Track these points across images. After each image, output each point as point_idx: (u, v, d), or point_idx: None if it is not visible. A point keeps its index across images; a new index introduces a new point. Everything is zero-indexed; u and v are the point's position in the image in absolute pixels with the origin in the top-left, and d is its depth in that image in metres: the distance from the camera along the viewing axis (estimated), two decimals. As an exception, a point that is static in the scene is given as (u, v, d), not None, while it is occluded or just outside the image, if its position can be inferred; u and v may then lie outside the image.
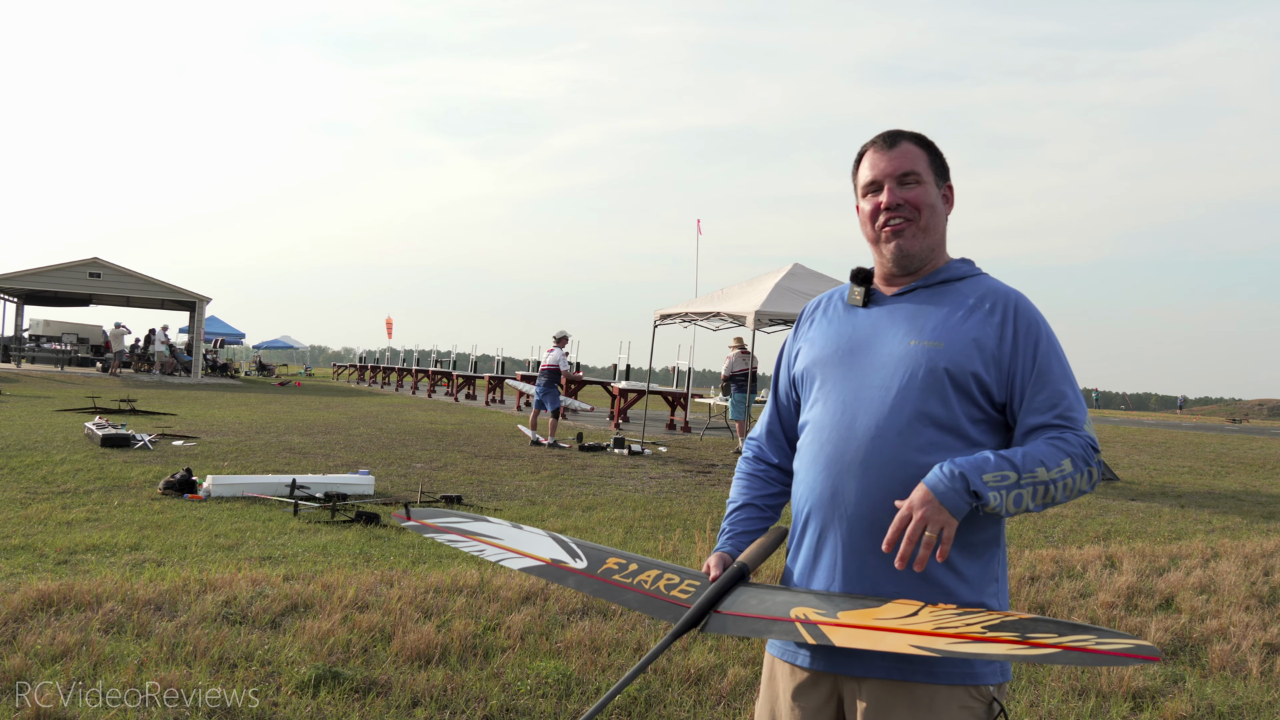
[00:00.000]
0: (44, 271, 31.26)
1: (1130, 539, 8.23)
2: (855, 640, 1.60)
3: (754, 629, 1.74)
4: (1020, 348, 1.81)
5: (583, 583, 1.99)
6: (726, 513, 2.05)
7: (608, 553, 2.09)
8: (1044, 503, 1.71)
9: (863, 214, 1.94)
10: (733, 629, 1.76)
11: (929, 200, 1.88)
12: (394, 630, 4.28)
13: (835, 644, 1.61)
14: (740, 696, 3.85)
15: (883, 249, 1.90)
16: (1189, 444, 23.05)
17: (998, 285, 1.89)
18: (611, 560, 2.05)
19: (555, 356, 15.26)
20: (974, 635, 1.53)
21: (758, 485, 2.05)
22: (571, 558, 2.07)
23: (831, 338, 1.94)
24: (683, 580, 1.93)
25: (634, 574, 1.99)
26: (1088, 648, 1.44)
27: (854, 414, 1.82)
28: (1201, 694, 4.15)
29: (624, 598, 1.92)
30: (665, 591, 1.91)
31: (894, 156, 1.88)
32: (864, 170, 1.93)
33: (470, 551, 2.20)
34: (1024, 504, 1.69)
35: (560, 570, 2.05)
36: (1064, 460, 1.71)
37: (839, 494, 1.80)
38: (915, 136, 1.93)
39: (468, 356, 35.87)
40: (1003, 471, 1.67)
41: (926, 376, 1.78)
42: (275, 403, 22.92)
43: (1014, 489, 1.67)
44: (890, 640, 1.57)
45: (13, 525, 6.62)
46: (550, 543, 2.14)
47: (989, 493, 1.66)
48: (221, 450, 11.64)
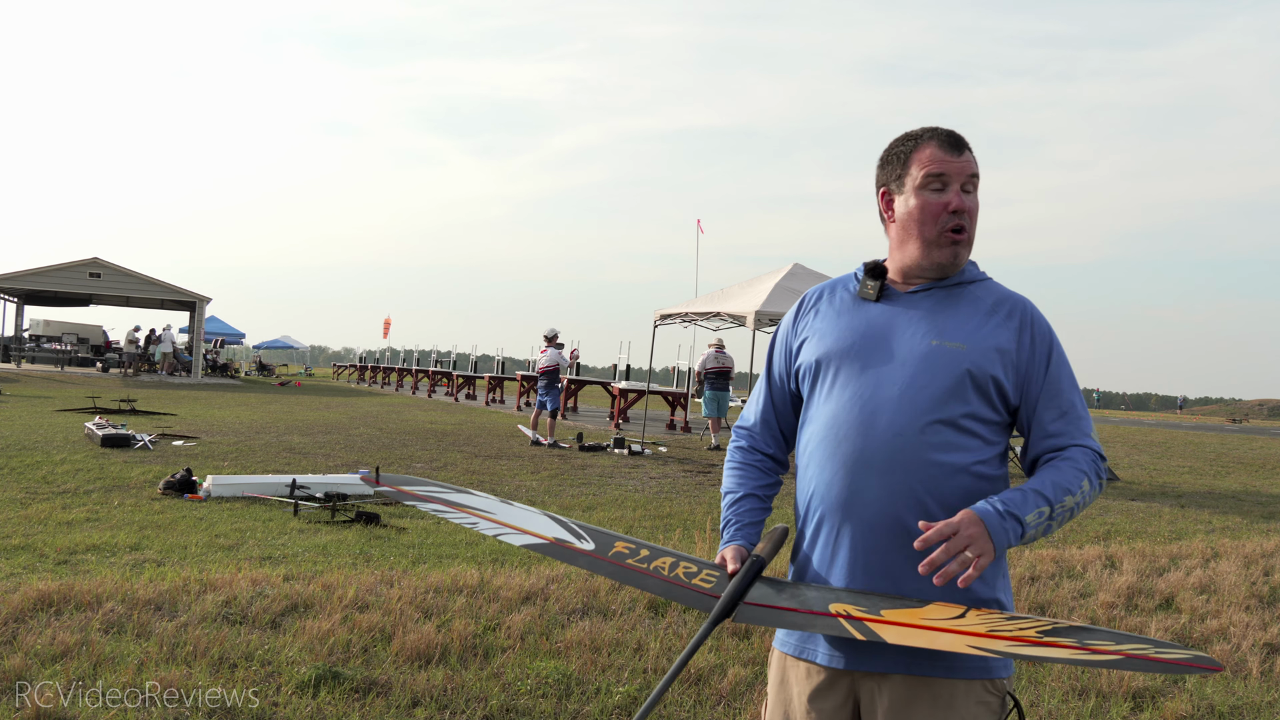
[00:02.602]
0: (44, 271, 31.26)
1: (1130, 539, 8.23)
2: (910, 638, 1.59)
3: (792, 622, 1.72)
4: (1036, 355, 1.84)
5: (595, 565, 1.93)
6: (727, 503, 2.00)
7: (613, 536, 2.04)
8: (1066, 522, 1.78)
9: (924, 207, 1.85)
10: (766, 620, 1.74)
11: (977, 213, 1.88)
12: (394, 630, 4.28)
13: (888, 641, 1.60)
14: (740, 696, 3.85)
15: (933, 251, 1.85)
16: (1189, 444, 23.05)
17: (1008, 291, 1.91)
18: (620, 545, 2.00)
19: (553, 356, 15.25)
20: (1031, 639, 1.56)
21: (756, 475, 2.02)
22: (576, 538, 2.01)
23: (845, 330, 1.90)
24: (700, 569, 1.90)
25: (648, 560, 1.94)
26: (1149, 655, 1.47)
27: (874, 412, 1.80)
28: (1201, 694, 4.15)
29: (645, 583, 1.87)
30: (687, 580, 1.87)
31: (964, 160, 1.85)
32: (927, 163, 1.85)
33: (461, 523, 2.09)
34: (1051, 530, 1.75)
35: (567, 550, 1.98)
36: (1084, 481, 1.76)
37: (858, 492, 1.79)
38: (969, 145, 1.90)
39: (468, 356, 35.87)
40: (1039, 509, 1.71)
41: (950, 378, 1.79)
42: (275, 403, 22.92)
43: (1047, 521, 1.73)
44: (946, 640, 1.58)
45: (13, 525, 6.62)
46: (549, 522, 2.08)
47: (1028, 531, 1.71)
48: (221, 450, 11.64)
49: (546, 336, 15.67)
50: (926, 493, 1.76)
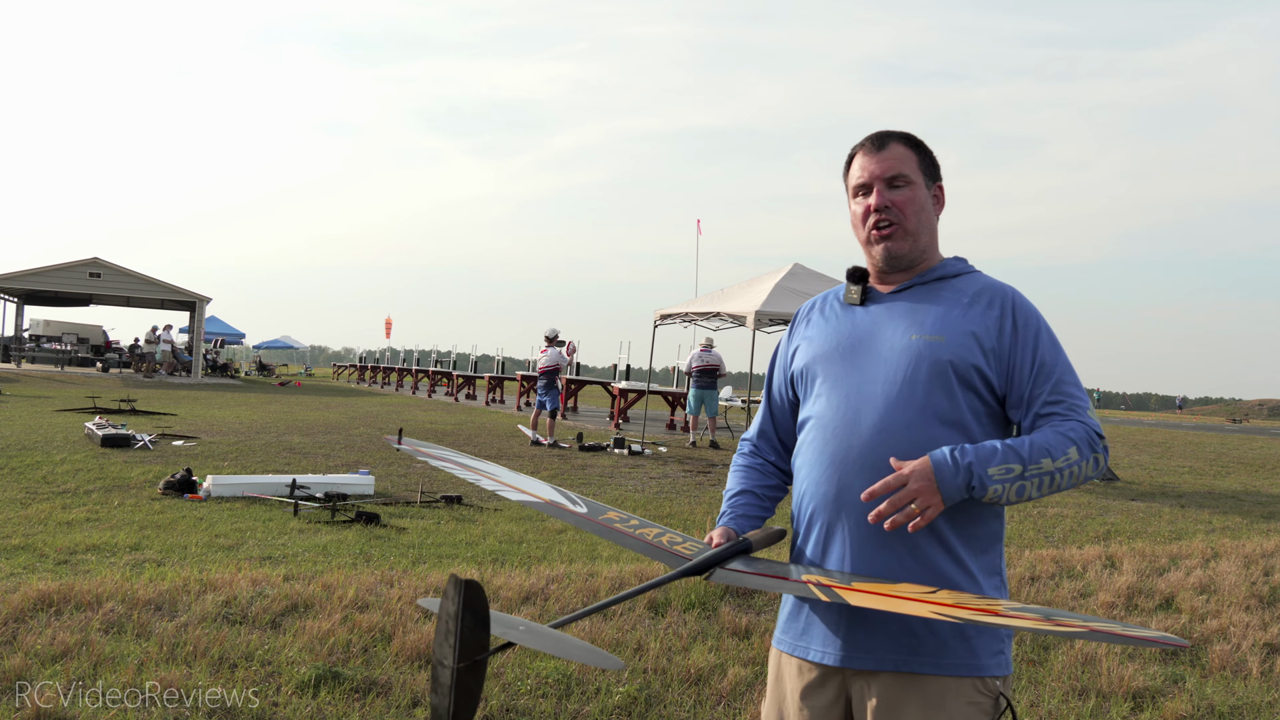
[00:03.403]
0: (44, 271, 31.26)
1: (1130, 539, 8.23)
2: (873, 603, 1.61)
3: (761, 584, 1.75)
4: (1020, 341, 1.83)
5: (582, 523, 2.01)
6: (725, 499, 2.06)
7: (608, 508, 2.11)
8: (1050, 491, 1.74)
9: (854, 216, 1.95)
10: (737, 581, 1.78)
11: (918, 203, 1.89)
12: (394, 630, 4.28)
13: (851, 604, 1.62)
14: (740, 696, 3.85)
15: (872, 250, 1.92)
16: (1189, 444, 23.04)
17: (992, 281, 1.92)
18: (612, 513, 2.08)
19: (553, 356, 15.25)
20: (997, 611, 1.56)
21: (756, 475, 2.06)
22: (571, 503, 2.09)
23: (831, 335, 1.95)
24: (685, 541, 1.96)
25: (635, 527, 2.02)
26: (1115, 630, 1.46)
27: (858, 410, 1.83)
28: (1201, 694, 4.15)
29: (626, 542, 1.95)
30: (669, 545, 1.94)
31: (883, 159, 1.89)
32: (854, 172, 1.94)
33: (466, 479, 2.21)
34: (1027, 494, 1.72)
35: (559, 509, 2.06)
36: (1070, 448, 1.73)
37: (845, 489, 1.81)
38: (904, 137, 1.93)
39: (468, 356, 35.87)
40: (1008, 464, 1.70)
41: (930, 370, 1.80)
42: (275, 403, 22.92)
43: (1018, 480, 1.70)
44: (910, 606, 1.58)
45: (13, 525, 6.62)
46: (549, 488, 2.16)
47: (991, 485, 1.69)
48: (221, 450, 11.64)
49: (547, 336, 15.66)
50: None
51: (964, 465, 1.69)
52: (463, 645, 1.46)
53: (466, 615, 1.46)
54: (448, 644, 1.48)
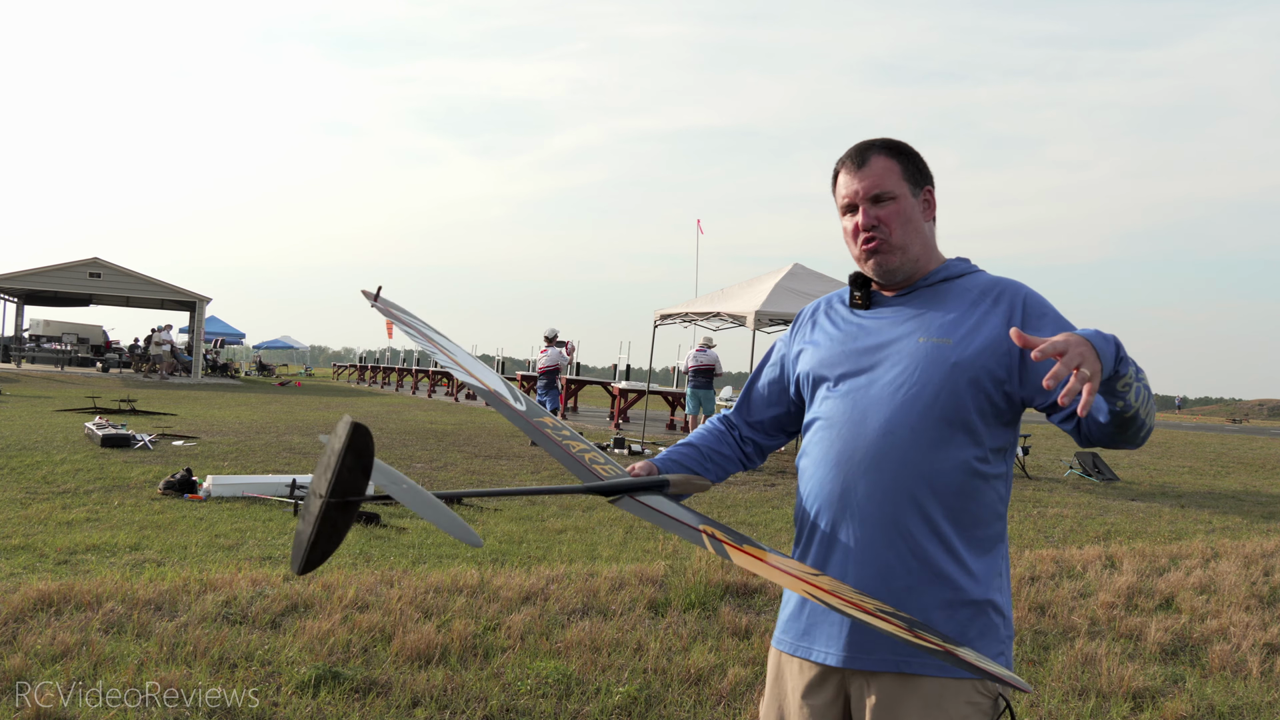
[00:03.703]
0: (44, 271, 31.26)
1: (1130, 539, 8.23)
2: (752, 566, 1.61)
3: (660, 521, 1.76)
4: (1038, 329, 1.79)
5: (516, 419, 2.03)
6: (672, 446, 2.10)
7: (545, 412, 2.14)
8: (1146, 411, 1.68)
9: (844, 232, 1.95)
10: (640, 513, 1.79)
11: (903, 215, 1.88)
12: (394, 630, 4.28)
13: (734, 562, 1.63)
14: (740, 696, 3.85)
15: (865, 265, 1.92)
16: (1189, 444, 23.05)
17: (997, 278, 1.91)
18: (548, 418, 2.10)
19: (553, 355, 15.26)
20: (866, 609, 1.52)
21: (710, 438, 2.10)
22: (513, 399, 2.11)
23: (837, 339, 1.95)
24: (609, 464, 1.97)
25: (566, 437, 2.03)
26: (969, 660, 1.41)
27: (864, 412, 1.83)
28: (1201, 694, 4.15)
29: (550, 448, 1.96)
30: (589, 462, 1.95)
31: (864, 176, 1.88)
32: (839, 190, 1.94)
33: (425, 350, 2.24)
34: (1142, 398, 1.65)
35: (501, 402, 2.08)
36: (1143, 374, 1.68)
37: (849, 491, 1.81)
38: (886, 146, 1.91)
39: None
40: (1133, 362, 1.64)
41: (938, 373, 1.79)
42: (275, 403, 22.92)
43: (1140, 376, 1.66)
44: (780, 577, 1.58)
45: (13, 525, 6.62)
46: (500, 382, 2.18)
47: (1130, 366, 1.62)
48: (221, 450, 11.64)
49: (546, 337, 15.67)
50: (920, 490, 1.77)
51: (1109, 338, 1.59)
52: (338, 482, 1.53)
53: (349, 455, 1.52)
54: (324, 477, 1.54)
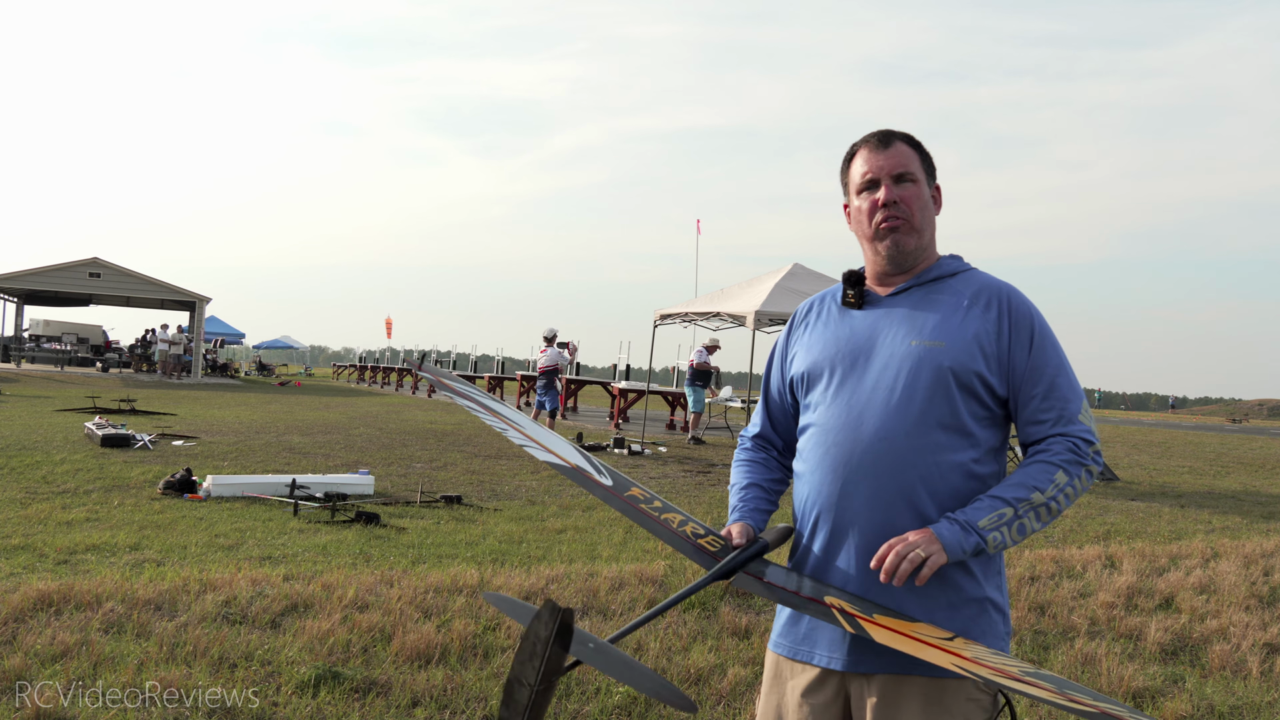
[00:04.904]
0: (44, 271, 31.25)
1: (1130, 539, 8.23)
2: (897, 643, 1.61)
3: (785, 600, 1.76)
4: (1016, 340, 1.84)
5: (610, 499, 1.99)
6: (734, 492, 2.05)
7: (630, 482, 2.10)
8: (1052, 519, 1.78)
9: (858, 211, 1.94)
10: (761, 592, 1.78)
11: (922, 199, 1.90)
12: (394, 630, 4.28)
13: (876, 640, 1.62)
14: (740, 696, 3.85)
15: (878, 246, 1.91)
16: (1189, 444, 23.04)
17: (990, 280, 1.92)
18: (635, 490, 2.05)
19: (553, 355, 15.25)
20: (1013, 675, 1.56)
21: (761, 470, 2.06)
22: (596, 472, 2.07)
23: (830, 340, 1.94)
24: (707, 534, 1.95)
25: (659, 510, 2.00)
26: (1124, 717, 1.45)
27: (860, 416, 1.83)
28: (1201, 694, 4.15)
29: (654, 529, 1.93)
30: (693, 537, 1.92)
31: (890, 155, 1.90)
32: (858, 167, 1.94)
33: (491, 425, 2.16)
34: (1029, 530, 1.75)
35: (586, 478, 2.04)
36: (1056, 474, 1.76)
37: (848, 496, 1.82)
38: (906, 137, 1.94)
39: (468, 356, 35.87)
40: (998, 511, 1.72)
41: (930, 376, 1.80)
42: (275, 403, 22.92)
43: (1014, 521, 1.73)
44: (932, 654, 1.59)
45: (13, 525, 6.62)
46: (574, 451, 2.13)
47: (989, 534, 1.71)
48: (221, 450, 11.64)
49: (546, 336, 15.67)
50: (917, 494, 1.78)
51: (959, 521, 1.71)
52: (546, 669, 1.49)
53: (557, 642, 1.49)
54: (531, 665, 1.50)
